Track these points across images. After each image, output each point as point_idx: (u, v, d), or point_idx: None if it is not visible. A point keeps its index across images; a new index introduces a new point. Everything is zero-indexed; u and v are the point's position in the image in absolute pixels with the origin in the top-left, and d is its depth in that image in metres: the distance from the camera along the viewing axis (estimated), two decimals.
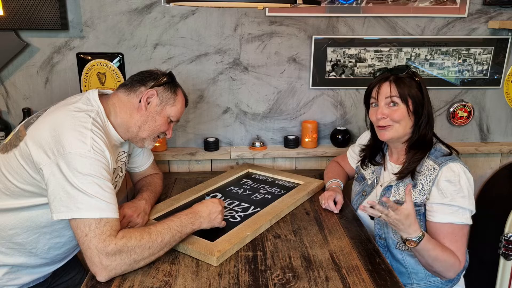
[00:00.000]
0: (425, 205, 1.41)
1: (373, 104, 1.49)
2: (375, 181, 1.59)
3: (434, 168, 1.40)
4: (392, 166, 1.55)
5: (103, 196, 1.16)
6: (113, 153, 1.33)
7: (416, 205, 1.41)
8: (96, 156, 1.20)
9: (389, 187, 1.51)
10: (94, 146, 1.21)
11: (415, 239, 1.26)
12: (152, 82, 1.41)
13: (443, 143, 1.49)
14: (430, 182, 1.39)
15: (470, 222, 1.36)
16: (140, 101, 1.39)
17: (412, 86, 1.43)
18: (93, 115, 1.29)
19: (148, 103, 1.40)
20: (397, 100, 1.42)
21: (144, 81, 1.42)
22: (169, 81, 1.44)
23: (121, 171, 1.53)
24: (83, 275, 1.64)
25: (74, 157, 1.17)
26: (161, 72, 1.47)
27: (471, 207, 1.36)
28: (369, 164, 1.64)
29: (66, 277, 1.60)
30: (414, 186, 1.43)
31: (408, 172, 1.44)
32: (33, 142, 1.22)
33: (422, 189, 1.41)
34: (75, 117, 1.26)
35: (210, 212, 1.34)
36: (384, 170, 1.58)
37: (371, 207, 1.26)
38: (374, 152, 1.63)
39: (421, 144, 1.45)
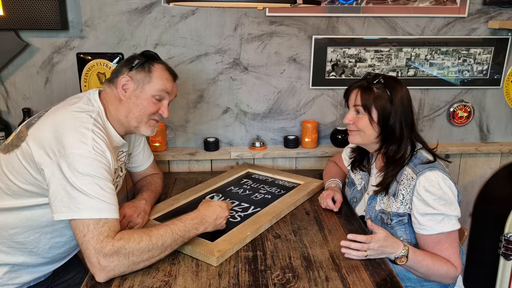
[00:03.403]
0: (409, 214, 1.40)
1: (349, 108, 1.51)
2: (364, 187, 1.59)
3: (412, 177, 1.38)
4: (376, 172, 1.55)
5: (103, 196, 1.16)
6: (113, 153, 1.33)
7: (399, 215, 1.42)
8: (96, 156, 1.20)
9: (374, 196, 1.51)
10: (95, 147, 1.21)
11: (403, 252, 1.27)
12: (126, 68, 1.39)
13: (427, 149, 1.46)
14: (410, 191, 1.38)
15: (457, 226, 1.35)
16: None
17: (382, 97, 1.40)
18: (94, 116, 1.29)
19: (125, 91, 1.37)
20: (360, 109, 1.42)
21: (120, 70, 1.39)
22: (142, 61, 1.38)
23: (121, 171, 1.53)
24: (84, 275, 1.64)
25: (75, 158, 1.17)
26: (137, 55, 1.42)
27: (455, 212, 1.35)
28: (358, 169, 1.64)
29: (66, 276, 1.60)
30: (394, 195, 1.42)
31: (384, 188, 1.45)
32: (35, 143, 1.22)
33: (403, 199, 1.40)
34: (77, 118, 1.26)
35: (217, 217, 1.32)
36: (370, 175, 1.58)
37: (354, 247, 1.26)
38: (362, 155, 1.62)
39: (393, 159, 1.43)
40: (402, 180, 1.41)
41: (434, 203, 1.33)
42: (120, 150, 1.49)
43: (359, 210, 1.60)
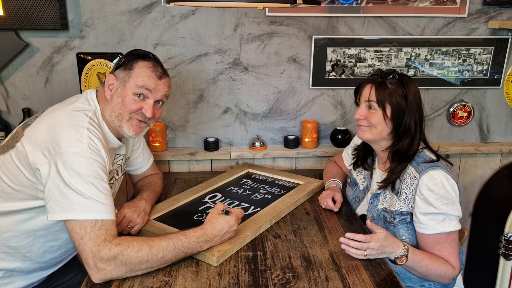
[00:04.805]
0: (412, 213, 1.40)
1: (358, 105, 1.50)
2: (366, 187, 1.59)
3: (415, 176, 1.38)
4: (380, 173, 1.54)
5: (99, 197, 1.15)
6: (109, 155, 1.31)
7: (401, 213, 1.42)
8: (92, 155, 1.19)
9: (376, 195, 1.51)
10: (91, 145, 1.20)
11: (403, 252, 1.26)
12: (114, 67, 1.38)
13: (430, 149, 1.46)
14: (412, 190, 1.38)
15: (458, 227, 1.35)
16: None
17: (396, 93, 1.39)
18: (90, 115, 1.28)
19: (111, 90, 1.35)
20: (374, 104, 1.41)
21: (112, 70, 1.39)
22: (127, 60, 1.36)
23: (117, 174, 1.51)
24: (83, 276, 1.62)
25: (70, 156, 1.16)
26: (125, 53, 1.40)
27: (457, 212, 1.35)
28: (361, 168, 1.63)
29: (64, 278, 1.58)
30: (397, 194, 1.43)
31: (389, 183, 1.44)
32: (30, 142, 1.21)
33: (406, 198, 1.40)
34: (73, 116, 1.26)
35: (224, 233, 1.27)
36: (373, 176, 1.58)
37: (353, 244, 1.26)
38: (366, 154, 1.62)
39: (403, 155, 1.43)
40: (405, 179, 1.41)
41: (436, 202, 1.33)
42: (117, 153, 1.47)
43: (362, 209, 1.59)
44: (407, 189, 1.40)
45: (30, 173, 1.21)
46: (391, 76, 1.42)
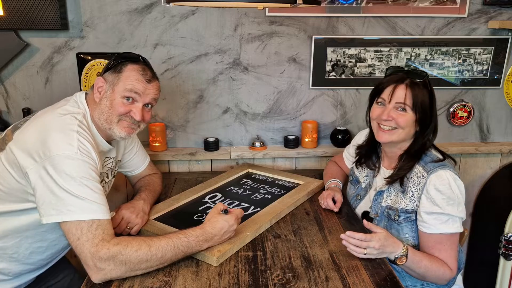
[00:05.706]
0: (416, 212, 1.40)
1: (380, 103, 1.45)
2: (369, 185, 1.59)
3: (423, 176, 1.38)
4: (384, 171, 1.54)
5: (93, 197, 1.15)
6: (99, 157, 1.30)
7: (407, 212, 1.42)
8: (83, 157, 1.19)
9: (381, 192, 1.51)
10: (81, 148, 1.20)
11: (403, 252, 1.26)
12: (104, 70, 1.37)
13: (437, 149, 1.47)
14: (419, 189, 1.38)
15: (460, 229, 1.35)
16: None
17: (425, 95, 1.39)
18: (79, 118, 1.28)
19: (100, 92, 1.34)
20: (408, 108, 1.39)
21: (101, 74, 1.38)
22: (116, 63, 1.35)
23: (107, 177, 1.50)
24: (73, 278, 1.60)
25: (61, 160, 1.16)
26: (115, 56, 1.38)
27: (461, 214, 1.35)
28: (364, 166, 1.63)
29: (52, 281, 1.55)
30: (404, 192, 1.42)
31: (398, 178, 1.43)
32: (19, 146, 1.21)
33: (412, 196, 1.40)
34: (61, 119, 1.25)
35: (224, 232, 1.27)
36: (377, 174, 1.57)
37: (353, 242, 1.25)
38: (369, 153, 1.61)
39: (416, 152, 1.43)
40: (412, 177, 1.41)
41: (442, 202, 1.33)
42: (107, 156, 1.46)
43: (363, 206, 1.59)
44: (413, 187, 1.40)
45: (20, 176, 1.21)
46: (423, 78, 1.39)
